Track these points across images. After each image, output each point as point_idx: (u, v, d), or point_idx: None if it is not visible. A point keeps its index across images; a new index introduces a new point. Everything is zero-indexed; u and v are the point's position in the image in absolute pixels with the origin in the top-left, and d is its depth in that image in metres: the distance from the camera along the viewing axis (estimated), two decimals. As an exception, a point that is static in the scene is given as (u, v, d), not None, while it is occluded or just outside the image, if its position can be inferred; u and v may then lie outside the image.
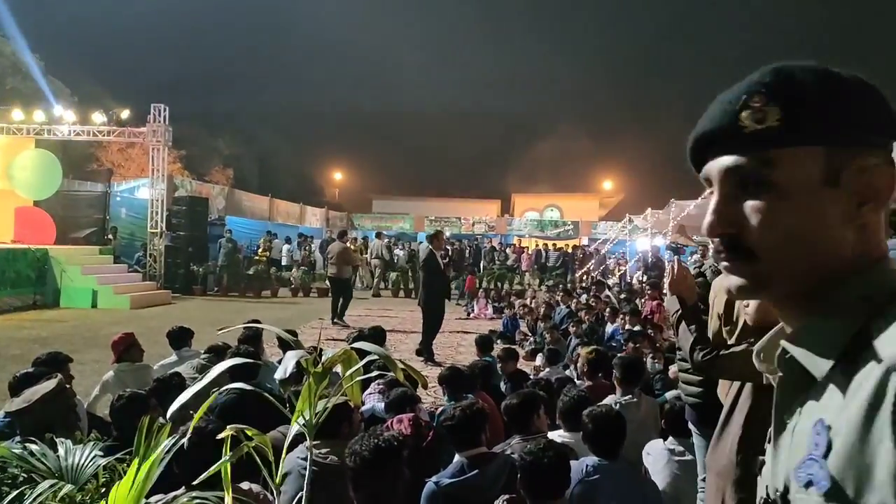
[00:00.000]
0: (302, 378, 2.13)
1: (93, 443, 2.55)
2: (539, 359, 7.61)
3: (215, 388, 2.81)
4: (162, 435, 2.10)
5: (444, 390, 4.89)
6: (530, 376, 6.09)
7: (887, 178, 0.75)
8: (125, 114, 17.22)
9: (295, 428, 2.14)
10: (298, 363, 2.03)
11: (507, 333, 10.76)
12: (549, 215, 39.38)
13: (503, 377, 6.01)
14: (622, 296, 14.62)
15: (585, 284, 19.19)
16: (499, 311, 14.45)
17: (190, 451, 2.47)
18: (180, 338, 6.03)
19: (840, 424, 0.66)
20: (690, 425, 3.62)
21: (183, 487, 2.45)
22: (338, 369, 2.19)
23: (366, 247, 21.45)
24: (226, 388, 2.78)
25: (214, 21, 59.19)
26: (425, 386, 2.56)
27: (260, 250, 20.07)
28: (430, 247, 9.24)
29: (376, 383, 4.83)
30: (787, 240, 0.75)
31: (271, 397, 2.33)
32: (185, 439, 2.32)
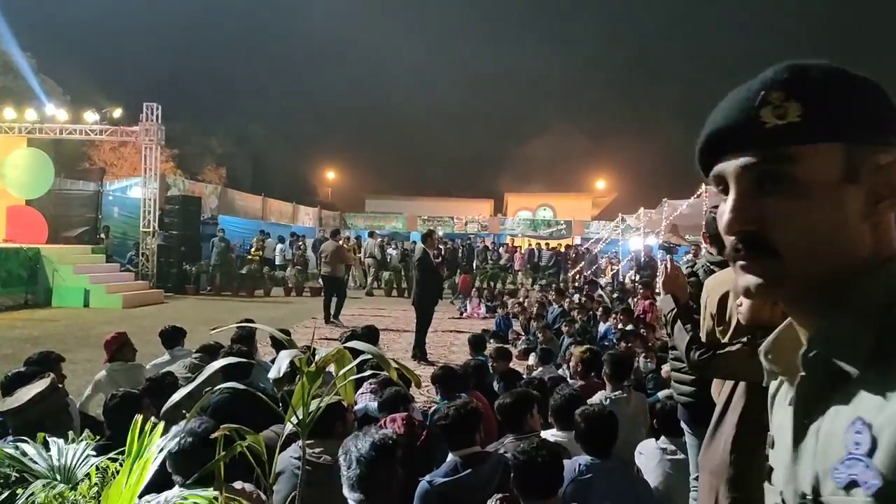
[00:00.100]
0: (295, 377, 2.13)
1: (85, 442, 2.54)
2: (532, 358, 7.62)
3: (208, 388, 2.81)
4: (155, 434, 2.09)
5: (437, 389, 4.89)
6: (523, 375, 6.10)
7: None
8: (117, 112, 17.14)
9: (288, 427, 2.14)
10: (292, 362, 2.03)
11: (500, 333, 10.75)
12: (542, 215, 39.40)
13: (496, 376, 6.01)
14: (615, 295, 14.68)
15: (578, 284, 19.24)
16: (492, 311, 14.45)
17: (183, 451, 2.47)
18: (173, 337, 6.02)
19: (882, 422, 0.66)
20: (683, 424, 3.62)
21: (176, 487, 2.45)
22: (331, 368, 2.19)
23: (359, 246, 21.44)
24: (219, 388, 2.77)
25: (207, 20, 59.09)
26: (419, 385, 2.56)
27: (253, 249, 19.99)
28: (424, 246, 9.33)
29: (369, 382, 4.82)
30: (810, 236, 0.75)
31: (264, 397, 2.33)
32: (179, 439, 2.32)
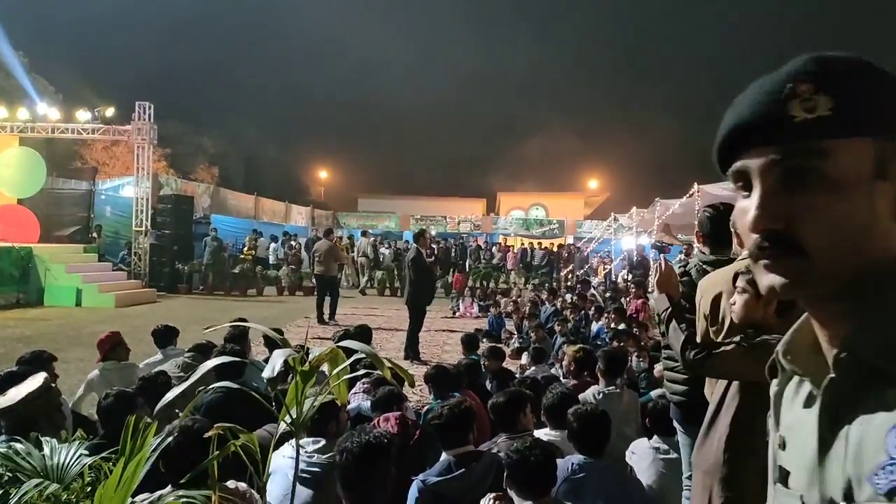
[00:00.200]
0: (289, 376, 2.13)
1: (78, 442, 2.53)
2: (525, 357, 7.63)
3: (201, 387, 2.81)
4: (148, 434, 2.09)
5: (431, 389, 4.89)
6: (516, 375, 6.11)
7: None
8: (110, 111, 17.07)
9: (282, 426, 2.15)
10: (286, 362, 2.03)
11: (493, 332, 10.76)
12: (535, 214, 39.47)
13: (489, 375, 6.02)
14: (607, 294, 14.72)
15: (571, 283, 19.26)
16: (484, 310, 14.47)
17: (176, 450, 2.46)
18: (165, 336, 6.01)
19: None
20: (675, 424, 3.63)
21: (169, 486, 2.45)
22: (324, 368, 2.19)
23: (352, 245, 21.43)
24: (212, 387, 2.77)
25: (200, 19, 58.94)
26: (412, 384, 2.57)
27: (245, 249, 19.98)
28: (417, 246, 9.39)
29: (362, 382, 4.82)
30: (839, 234, 0.72)
31: (258, 396, 2.33)
32: (172, 438, 2.32)
